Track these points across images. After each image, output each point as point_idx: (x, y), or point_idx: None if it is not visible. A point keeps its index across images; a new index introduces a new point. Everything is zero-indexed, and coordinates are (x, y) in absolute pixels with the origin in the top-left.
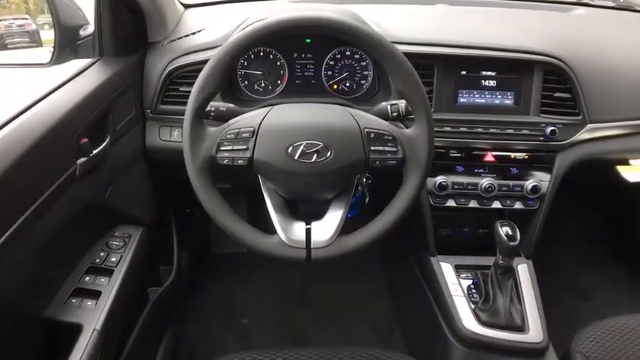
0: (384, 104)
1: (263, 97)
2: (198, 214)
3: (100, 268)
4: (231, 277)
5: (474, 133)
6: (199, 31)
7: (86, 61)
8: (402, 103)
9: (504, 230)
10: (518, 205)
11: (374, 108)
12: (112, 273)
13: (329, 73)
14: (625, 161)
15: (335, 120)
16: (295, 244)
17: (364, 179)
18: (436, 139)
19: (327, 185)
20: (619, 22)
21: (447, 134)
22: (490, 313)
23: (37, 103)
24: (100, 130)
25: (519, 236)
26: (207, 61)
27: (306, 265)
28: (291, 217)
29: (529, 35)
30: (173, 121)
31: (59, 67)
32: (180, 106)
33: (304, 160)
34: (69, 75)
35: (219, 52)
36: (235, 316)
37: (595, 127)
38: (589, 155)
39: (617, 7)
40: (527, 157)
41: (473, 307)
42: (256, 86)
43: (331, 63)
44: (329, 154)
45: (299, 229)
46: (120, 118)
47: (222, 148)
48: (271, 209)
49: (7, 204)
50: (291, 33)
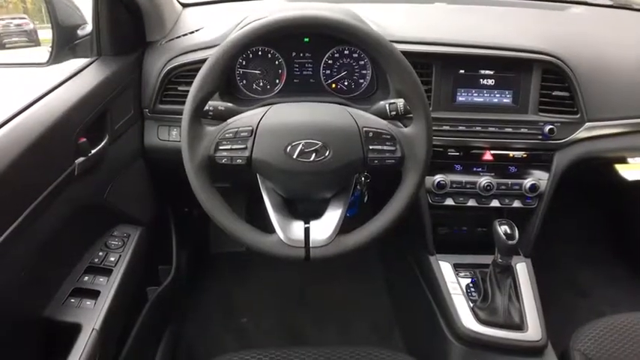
0: (382, 103)
1: (261, 97)
2: (196, 213)
3: (99, 267)
4: (231, 277)
5: (472, 131)
6: (197, 30)
7: (84, 61)
8: (401, 102)
9: (503, 229)
10: (516, 204)
11: (372, 107)
12: (111, 273)
13: (327, 72)
14: (623, 160)
15: (333, 119)
16: (294, 243)
17: (363, 178)
18: (435, 137)
19: (326, 184)
20: (617, 21)
21: (446, 133)
22: (489, 311)
23: (35, 102)
24: (99, 130)
25: (518, 235)
26: (205, 61)
27: (305, 265)
28: (290, 216)
29: (527, 34)
30: (171, 121)
31: (57, 66)
32: (179, 106)
33: (303, 160)
34: (67, 74)
35: (217, 51)
36: (234, 316)
37: (593, 125)
38: (587, 154)
39: (614, 6)
40: (525, 155)
41: (471, 305)
42: (255, 85)
43: (329, 62)
44: (327, 153)
45: (298, 228)
46: (118, 117)
47: (220, 147)
48: (270, 208)
49: (5, 204)
50: (290, 32)
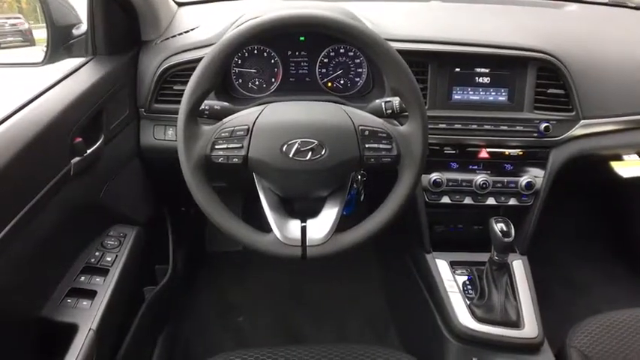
0: (378, 101)
1: (257, 95)
2: (193, 212)
3: (96, 267)
4: (227, 276)
5: (468, 129)
6: (193, 29)
7: (79, 60)
8: (396, 100)
9: (499, 226)
10: (512, 202)
11: (368, 105)
12: (108, 273)
13: (323, 70)
14: (618, 157)
15: (329, 118)
16: (291, 242)
17: (359, 177)
18: (430, 135)
19: (322, 183)
20: (611, 18)
21: (442, 131)
22: (485, 309)
23: (29, 102)
24: (94, 130)
25: (514, 232)
26: (201, 60)
27: (302, 263)
28: (287, 215)
29: (522, 32)
30: (167, 120)
31: (52, 66)
32: (175, 105)
33: (299, 158)
34: (62, 74)
35: (213, 50)
36: (231, 315)
37: (588, 123)
38: (583, 151)
39: (609, 4)
40: (521, 153)
41: (468, 303)
42: (250, 84)
43: (325, 61)
44: (324, 151)
45: (294, 227)
46: (114, 117)
47: (216, 146)
48: (266, 207)
49: (0, 204)
50: (286, 31)
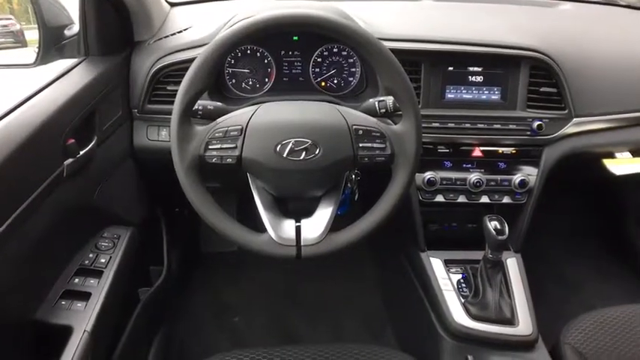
0: (371, 101)
1: (251, 95)
2: (187, 213)
3: (90, 269)
4: (223, 276)
5: (461, 128)
6: (186, 30)
7: (71, 61)
8: (390, 99)
9: (493, 224)
10: (506, 200)
11: (362, 105)
12: (102, 274)
13: (316, 70)
14: (611, 154)
15: (323, 117)
16: (285, 241)
17: (353, 176)
18: (424, 134)
19: (316, 183)
20: (604, 17)
21: (435, 130)
22: (480, 306)
23: (21, 104)
24: (87, 131)
25: (508, 230)
26: (194, 60)
27: (297, 263)
28: (281, 215)
29: (515, 31)
30: (161, 121)
31: (44, 67)
32: (168, 106)
33: (293, 158)
34: (54, 75)
35: (206, 50)
36: (227, 315)
37: (581, 121)
38: (575, 149)
39: (601, 2)
40: (514, 151)
41: (463, 301)
42: (244, 84)
43: (319, 60)
44: (317, 151)
45: (289, 226)
46: (107, 118)
47: (210, 147)
48: (261, 207)
49: None
50: (279, 31)
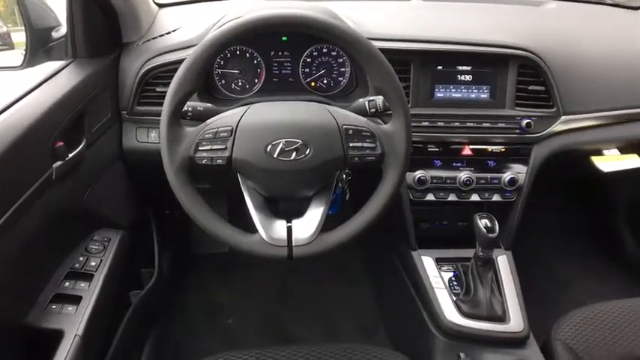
0: (361, 100)
1: (241, 96)
2: (178, 215)
3: (80, 272)
4: (214, 278)
5: (451, 127)
6: (174, 31)
7: (59, 64)
8: (380, 99)
9: (483, 222)
10: (496, 198)
11: (352, 104)
12: (92, 277)
13: (306, 70)
14: (599, 152)
15: (313, 117)
16: (276, 242)
17: (344, 176)
18: (414, 133)
19: (307, 183)
20: (590, 15)
21: (425, 129)
22: (471, 304)
23: (9, 107)
24: (76, 133)
25: (498, 228)
26: (183, 61)
27: (290, 264)
28: (272, 215)
29: (503, 30)
30: (150, 122)
31: (31, 69)
32: (157, 107)
33: (283, 159)
34: (42, 78)
35: (194, 51)
36: (220, 317)
37: (569, 118)
38: (564, 146)
39: (588, 1)
40: (503, 149)
41: (454, 298)
42: (234, 85)
43: (308, 60)
44: (308, 151)
45: (280, 227)
46: (96, 120)
47: (200, 148)
48: (252, 208)
49: None
50: (268, 31)
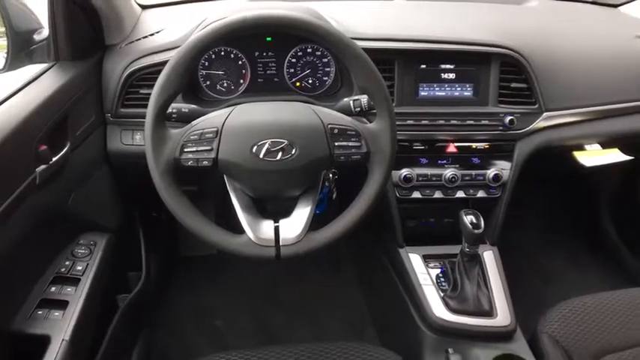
0: (346, 100)
1: (226, 97)
2: (164, 217)
3: (66, 277)
4: (202, 280)
5: (435, 125)
6: (158, 32)
7: (41, 66)
8: (365, 98)
9: (469, 219)
10: (481, 194)
11: (337, 104)
12: (79, 282)
13: (291, 70)
14: (581, 147)
15: (298, 117)
16: (264, 242)
17: (330, 175)
18: (399, 132)
19: (294, 182)
20: (570, 13)
21: (410, 127)
22: (459, 300)
23: None
24: (59, 137)
25: (483, 224)
26: (167, 63)
27: (278, 264)
28: (259, 215)
29: (485, 28)
30: (135, 125)
31: (13, 73)
32: (142, 109)
33: (269, 159)
34: (24, 81)
35: (178, 52)
36: (208, 319)
37: (551, 115)
38: (547, 142)
39: None
40: (487, 146)
41: (442, 295)
42: (218, 86)
43: (293, 60)
44: (294, 151)
45: (267, 227)
46: (79, 123)
47: (185, 149)
48: (238, 209)
49: None
50: (251, 32)
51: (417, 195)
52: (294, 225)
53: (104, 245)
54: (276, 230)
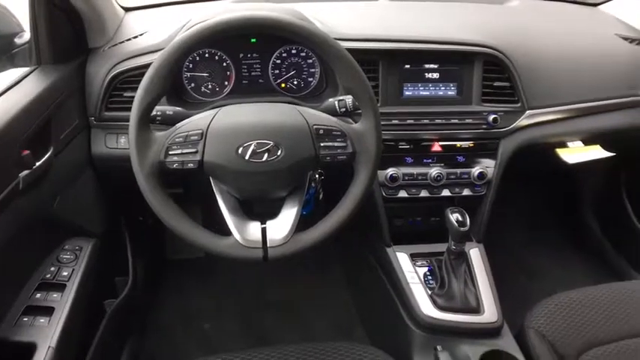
0: (331, 100)
1: (211, 99)
2: (151, 221)
3: (52, 283)
4: (190, 283)
5: (420, 124)
6: (141, 35)
7: (23, 70)
8: (349, 98)
9: (455, 217)
10: (466, 192)
11: (322, 105)
12: (65, 288)
13: (276, 71)
14: (563, 144)
15: (284, 118)
16: (251, 244)
17: (317, 175)
18: (384, 131)
19: (280, 183)
20: (551, 12)
21: (395, 127)
22: (446, 297)
23: None
24: (42, 141)
25: (469, 221)
26: (150, 65)
27: (265, 266)
28: (246, 217)
29: (468, 28)
30: (119, 128)
31: None
32: (125, 112)
33: (255, 160)
34: (5, 85)
35: (161, 55)
36: (196, 322)
37: (534, 113)
38: (530, 140)
39: None
40: (472, 145)
41: (429, 293)
42: (203, 88)
43: (278, 62)
44: (279, 152)
45: (254, 228)
46: (63, 127)
47: (170, 152)
48: (225, 211)
49: None
50: (235, 33)
51: (403, 194)
52: (281, 226)
53: (90, 250)
54: (263, 232)
